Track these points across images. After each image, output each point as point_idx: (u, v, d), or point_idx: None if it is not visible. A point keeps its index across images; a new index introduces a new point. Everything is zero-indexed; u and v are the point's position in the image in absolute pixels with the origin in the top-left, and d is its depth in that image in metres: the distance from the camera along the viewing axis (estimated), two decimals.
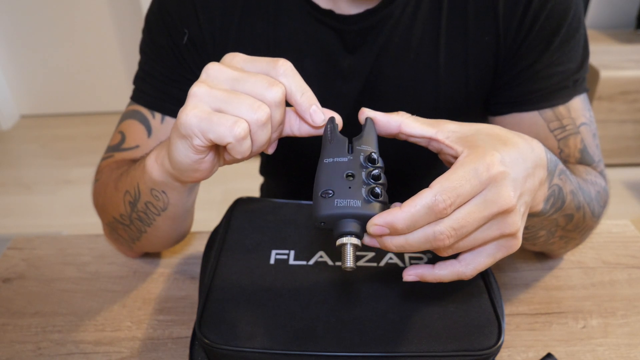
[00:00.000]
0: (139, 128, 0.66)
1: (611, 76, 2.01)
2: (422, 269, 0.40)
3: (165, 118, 0.65)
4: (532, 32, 0.59)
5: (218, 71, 0.39)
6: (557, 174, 0.47)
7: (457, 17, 0.60)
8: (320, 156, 0.39)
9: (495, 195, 0.36)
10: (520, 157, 0.39)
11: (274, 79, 0.39)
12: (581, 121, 0.62)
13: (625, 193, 2.09)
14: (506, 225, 0.37)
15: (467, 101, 0.65)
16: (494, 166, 0.36)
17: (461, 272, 0.39)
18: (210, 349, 0.46)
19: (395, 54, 0.62)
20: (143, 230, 0.60)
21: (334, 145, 0.39)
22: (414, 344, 0.45)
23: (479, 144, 0.38)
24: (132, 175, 0.55)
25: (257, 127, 0.38)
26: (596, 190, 0.59)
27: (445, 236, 0.36)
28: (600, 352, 0.56)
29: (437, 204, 0.34)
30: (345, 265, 0.37)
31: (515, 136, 0.40)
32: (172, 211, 0.56)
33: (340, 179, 0.37)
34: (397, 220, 0.35)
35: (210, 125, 0.38)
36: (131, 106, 0.67)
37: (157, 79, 0.65)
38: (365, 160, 0.38)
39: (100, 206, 0.64)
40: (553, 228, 0.54)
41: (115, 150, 0.66)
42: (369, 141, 0.40)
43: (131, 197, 0.56)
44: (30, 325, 0.60)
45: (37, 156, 2.51)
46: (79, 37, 2.63)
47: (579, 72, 0.61)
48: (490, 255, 0.39)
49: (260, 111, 0.38)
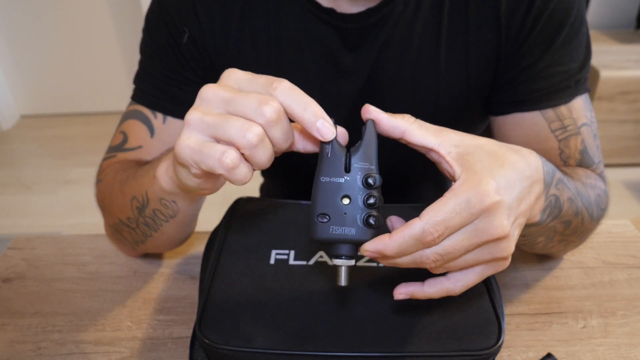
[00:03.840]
0: (141, 128, 0.66)
1: (611, 76, 2.01)
2: (412, 287, 0.42)
3: (167, 118, 0.65)
4: (534, 31, 0.59)
5: (212, 94, 0.38)
6: (554, 184, 0.47)
7: (459, 15, 0.60)
8: (316, 170, 0.39)
9: (487, 225, 0.37)
10: (517, 178, 0.40)
11: (266, 96, 0.37)
12: (582, 121, 0.62)
13: (625, 193, 2.09)
14: (498, 250, 0.38)
15: (467, 100, 0.65)
16: (487, 197, 0.37)
17: (450, 289, 0.41)
18: (210, 349, 0.46)
19: (396, 53, 0.62)
20: (149, 235, 0.60)
21: (332, 161, 0.39)
22: (414, 344, 0.45)
23: (476, 169, 0.38)
24: (139, 181, 0.55)
25: (251, 150, 0.37)
26: (596, 194, 0.59)
27: (432, 260, 0.38)
28: (600, 352, 0.56)
29: (425, 236, 0.36)
30: (339, 284, 0.40)
31: (513, 153, 0.41)
32: (181, 218, 0.56)
33: (336, 203, 0.38)
34: (387, 249, 0.37)
35: (201, 157, 0.37)
36: (132, 106, 0.67)
37: (158, 78, 0.65)
38: (363, 182, 0.38)
39: (106, 207, 0.64)
40: (551, 234, 0.54)
41: (117, 150, 0.66)
42: (368, 154, 0.39)
43: (139, 203, 0.56)
44: (30, 325, 0.60)
45: (37, 156, 2.51)
46: (79, 37, 2.63)
47: (581, 72, 0.61)
48: (479, 274, 0.40)
49: (249, 133, 0.36)
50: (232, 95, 0.38)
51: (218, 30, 0.63)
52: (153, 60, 0.65)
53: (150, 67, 0.66)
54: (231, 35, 0.63)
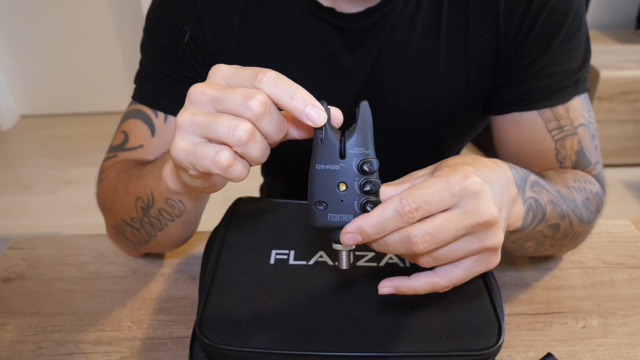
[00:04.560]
0: (142, 127, 0.66)
1: (611, 76, 2.01)
2: (398, 281, 0.41)
3: (168, 117, 0.65)
4: (532, 30, 0.59)
5: (200, 93, 0.38)
6: (528, 187, 0.47)
7: (458, 15, 0.60)
8: (312, 157, 0.39)
9: (476, 207, 0.37)
10: (492, 172, 0.41)
11: (252, 90, 0.36)
12: (579, 122, 0.62)
13: (625, 193, 2.09)
14: (488, 237, 0.38)
15: (467, 99, 0.65)
16: (468, 178, 0.37)
17: (436, 283, 0.40)
18: (210, 349, 0.46)
19: (396, 52, 0.62)
20: (153, 235, 0.60)
21: (326, 148, 0.38)
22: (414, 344, 0.45)
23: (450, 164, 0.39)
24: (143, 182, 0.55)
25: (242, 147, 0.36)
26: (584, 197, 0.58)
27: (419, 240, 0.37)
28: (600, 352, 0.56)
29: (403, 207, 0.36)
30: (341, 267, 0.41)
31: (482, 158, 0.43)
32: (186, 217, 0.56)
33: (332, 190, 0.38)
34: (367, 225, 0.37)
35: (196, 159, 0.37)
36: (133, 105, 0.67)
37: (159, 77, 0.65)
38: (358, 168, 0.38)
39: (108, 208, 0.64)
40: (541, 239, 0.54)
41: (118, 150, 0.66)
42: (363, 139, 0.38)
43: (143, 203, 0.56)
44: (30, 325, 0.60)
45: (37, 156, 2.51)
46: (79, 37, 2.63)
47: (580, 71, 0.61)
48: (468, 268, 0.40)
49: (238, 130, 0.36)
50: (218, 92, 0.37)
51: (219, 29, 0.63)
52: (154, 59, 0.66)
53: (152, 67, 0.66)
54: (232, 35, 0.63)
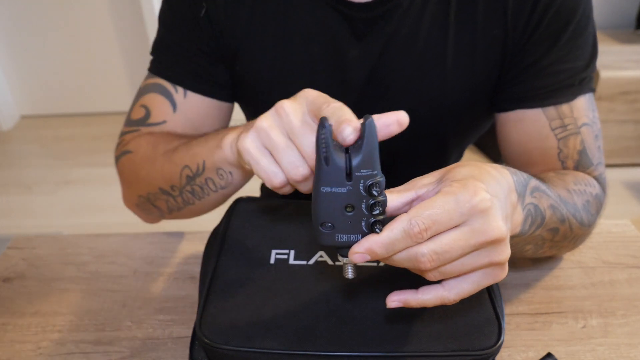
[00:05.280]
0: (163, 103, 0.66)
1: (611, 76, 2.01)
2: (406, 295, 0.40)
3: (187, 92, 0.66)
4: (539, 27, 0.59)
5: (285, 115, 0.42)
6: (528, 193, 0.47)
7: (467, 10, 0.60)
8: (315, 178, 0.37)
9: (484, 225, 0.36)
10: (498, 185, 0.40)
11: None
12: (583, 121, 0.62)
13: (625, 193, 2.09)
14: (496, 254, 0.38)
15: (472, 96, 0.65)
16: (477, 195, 0.36)
17: (445, 297, 0.40)
18: (210, 349, 0.46)
19: (403, 44, 0.62)
20: (191, 202, 0.61)
21: (331, 169, 0.37)
22: (414, 344, 0.45)
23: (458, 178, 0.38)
24: (195, 151, 0.56)
25: (294, 183, 0.44)
26: (584, 200, 0.58)
27: (427, 259, 0.36)
28: (600, 352, 0.56)
29: (412, 227, 0.36)
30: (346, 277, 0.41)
31: (484, 165, 0.42)
32: (229, 190, 0.58)
33: (339, 212, 0.37)
34: (376, 246, 0.37)
35: (256, 166, 0.44)
36: (151, 79, 0.67)
37: (177, 52, 0.65)
38: (366, 190, 0.37)
39: (142, 178, 0.63)
40: (540, 242, 0.54)
41: (140, 124, 0.66)
42: (369, 159, 0.36)
43: (191, 172, 0.57)
44: (30, 325, 0.60)
45: (37, 156, 2.51)
46: (79, 37, 2.63)
47: (585, 70, 0.61)
48: (476, 282, 0.39)
49: (297, 171, 0.42)
50: (298, 126, 0.42)
51: (230, 10, 0.63)
52: (171, 32, 0.66)
53: (169, 39, 0.66)
54: (242, 18, 0.64)
